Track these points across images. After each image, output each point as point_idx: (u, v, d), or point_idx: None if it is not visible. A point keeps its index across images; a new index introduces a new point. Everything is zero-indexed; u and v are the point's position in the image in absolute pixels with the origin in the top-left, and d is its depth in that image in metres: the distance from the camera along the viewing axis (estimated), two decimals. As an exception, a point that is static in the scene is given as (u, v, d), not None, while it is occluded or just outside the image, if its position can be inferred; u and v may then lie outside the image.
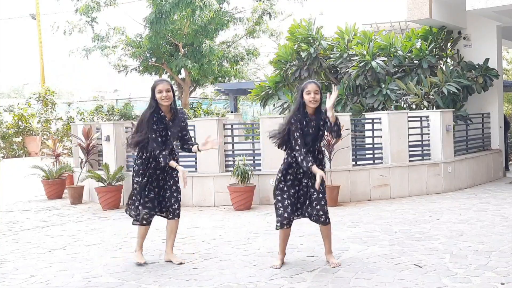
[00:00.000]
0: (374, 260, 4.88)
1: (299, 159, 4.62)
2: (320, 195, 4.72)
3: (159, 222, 7.15)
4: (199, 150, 5.02)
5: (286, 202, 4.72)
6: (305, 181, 4.77)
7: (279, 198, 4.75)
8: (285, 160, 4.80)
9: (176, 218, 5.09)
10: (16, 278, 4.82)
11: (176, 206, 5.07)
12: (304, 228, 6.39)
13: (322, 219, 4.73)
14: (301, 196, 4.81)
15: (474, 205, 7.67)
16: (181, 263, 5.01)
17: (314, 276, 4.48)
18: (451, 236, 5.73)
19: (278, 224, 4.75)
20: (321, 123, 4.71)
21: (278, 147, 4.88)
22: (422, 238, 5.67)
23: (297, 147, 4.64)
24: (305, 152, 4.60)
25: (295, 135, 4.64)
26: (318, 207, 4.71)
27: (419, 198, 8.54)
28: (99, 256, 5.49)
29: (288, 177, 4.76)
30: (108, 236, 6.48)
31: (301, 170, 4.73)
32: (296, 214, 4.82)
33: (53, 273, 4.91)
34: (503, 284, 4.10)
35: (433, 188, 9.00)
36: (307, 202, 4.78)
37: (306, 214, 4.82)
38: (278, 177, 4.80)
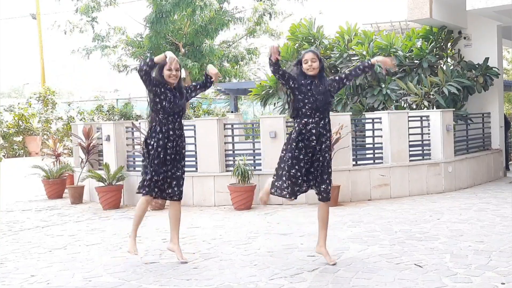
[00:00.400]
0: (375, 260, 4.87)
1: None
2: (329, 170, 4.70)
3: (159, 222, 7.16)
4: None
5: (293, 172, 4.57)
6: (318, 147, 4.64)
7: (289, 165, 4.59)
8: (295, 128, 4.69)
9: (179, 200, 5.09)
10: (17, 277, 4.83)
11: (182, 189, 5.11)
12: (304, 228, 6.40)
13: (325, 195, 4.67)
14: (313, 166, 4.67)
15: (475, 205, 7.67)
16: (183, 262, 5.01)
17: (315, 276, 4.47)
18: (451, 236, 5.73)
19: (286, 195, 4.62)
20: (330, 88, 4.68)
21: (292, 117, 4.79)
22: (422, 238, 5.67)
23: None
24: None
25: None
26: (328, 181, 4.67)
27: (420, 198, 8.54)
28: (100, 256, 5.49)
29: (300, 144, 4.62)
30: (108, 236, 6.48)
31: (314, 137, 4.62)
32: (305, 185, 4.68)
33: (54, 273, 4.91)
34: (504, 284, 4.10)
35: (434, 188, 9.00)
36: (318, 173, 4.67)
37: (312, 186, 4.71)
38: (288, 146, 4.66)
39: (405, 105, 10.27)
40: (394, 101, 10.14)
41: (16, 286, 4.58)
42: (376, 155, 8.90)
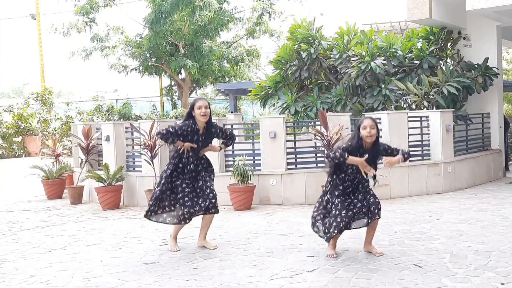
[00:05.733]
0: (374, 260, 4.88)
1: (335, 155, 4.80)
2: (371, 191, 5.02)
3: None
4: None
5: (343, 212, 4.88)
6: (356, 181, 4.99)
7: (338, 206, 4.90)
8: (334, 182, 4.99)
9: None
10: (16, 278, 4.83)
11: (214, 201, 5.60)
12: (303, 228, 6.40)
13: (378, 214, 4.93)
14: (355, 200, 5.00)
15: (474, 205, 7.67)
16: (215, 248, 5.51)
17: (314, 276, 4.48)
18: (451, 236, 5.74)
19: (335, 231, 4.88)
20: (378, 154, 4.98)
21: (330, 174, 5.05)
22: (422, 238, 5.67)
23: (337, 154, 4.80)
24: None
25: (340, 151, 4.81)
26: (376, 199, 4.96)
27: (419, 198, 8.54)
28: (99, 256, 5.49)
29: (341, 188, 4.97)
30: (108, 236, 6.48)
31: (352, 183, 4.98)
32: (353, 220, 4.98)
33: (53, 273, 4.91)
34: (503, 284, 4.10)
35: (433, 188, 9.00)
36: (364, 203, 4.96)
37: (362, 216, 4.99)
38: (332, 194, 4.97)
39: (404, 106, 10.26)
40: (394, 102, 10.14)
41: (16, 286, 4.58)
42: (375, 155, 8.88)
